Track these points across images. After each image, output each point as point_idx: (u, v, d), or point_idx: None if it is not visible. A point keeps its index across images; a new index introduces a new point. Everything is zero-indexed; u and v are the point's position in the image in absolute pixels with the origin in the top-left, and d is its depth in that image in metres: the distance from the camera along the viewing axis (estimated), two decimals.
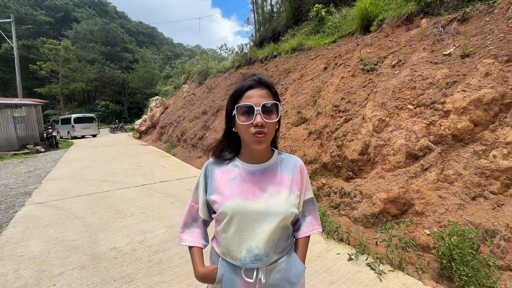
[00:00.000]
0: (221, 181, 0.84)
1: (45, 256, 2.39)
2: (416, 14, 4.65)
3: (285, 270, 0.84)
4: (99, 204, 3.76)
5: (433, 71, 3.28)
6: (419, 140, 2.88)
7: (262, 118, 0.73)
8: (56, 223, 3.13)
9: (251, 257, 0.79)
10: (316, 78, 5.67)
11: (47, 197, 4.17)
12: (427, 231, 2.38)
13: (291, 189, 0.84)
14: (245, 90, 0.78)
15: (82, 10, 49.02)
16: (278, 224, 0.79)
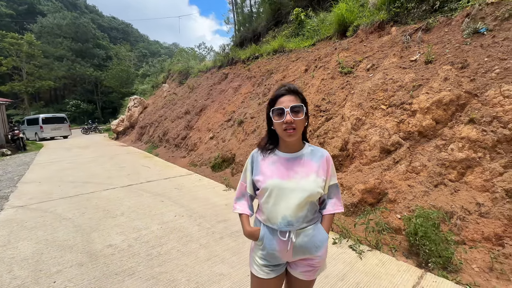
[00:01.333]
0: (264, 165, 1.11)
1: (38, 256, 2.38)
2: (387, 22, 5.10)
3: (312, 236, 1.07)
4: (85, 205, 3.71)
5: (402, 75, 3.69)
6: (391, 136, 3.25)
7: (291, 116, 0.99)
8: (43, 225, 3.07)
9: (285, 222, 1.04)
10: (298, 79, 5.97)
11: (27, 200, 4.01)
12: (399, 216, 2.72)
13: (317, 173, 1.07)
14: (279, 97, 1.05)
15: (48, 3, 45.59)
16: (306, 199, 1.03)
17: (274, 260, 1.11)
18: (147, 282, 1.98)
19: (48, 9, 43.26)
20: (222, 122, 7.22)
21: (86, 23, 44.21)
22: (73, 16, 42.22)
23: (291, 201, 1.04)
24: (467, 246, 2.26)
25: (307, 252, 1.08)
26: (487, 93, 2.74)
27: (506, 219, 2.22)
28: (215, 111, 8.08)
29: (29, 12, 42.89)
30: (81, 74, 37.92)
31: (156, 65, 24.05)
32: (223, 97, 8.43)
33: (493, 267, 2.03)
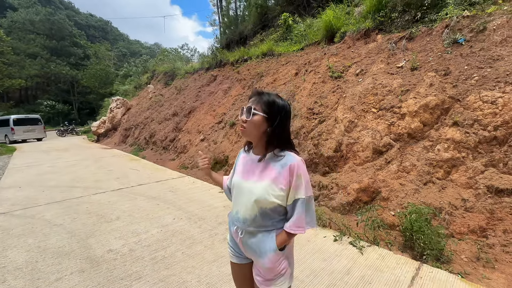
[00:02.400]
0: (239, 163, 1.21)
1: (33, 265, 2.26)
2: (373, 30, 5.38)
3: (258, 240, 1.08)
4: (76, 210, 3.55)
5: (390, 81, 3.92)
6: (382, 138, 3.44)
7: (242, 115, 1.07)
8: (32, 232, 2.90)
9: (236, 216, 1.13)
10: (289, 83, 6.11)
11: (9, 206, 3.75)
12: (392, 213, 2.89)
13: (274, 181, 1.02)
14: (249, 98, 1.12)
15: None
16: (254, 203, 1.04)
17: (236, 246, 1.20)
18: (156, 285, 1.95)
19: (20, 3, 40.62)
20: (213, 124, 7.20)
21: (62, 19, 42.01)
22: (47, 12, 39.93)
23: (242, 200, 1.10)
24: (456, 238, 2.46)
25: (252, 254, 1.11)
26: (468, 98, 3.01)
27: (488, 213, 2.45)
28: (205, 113, 8.03)
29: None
30: (56, 73, 35.89)
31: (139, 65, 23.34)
32: (212, 99, 8.40)
33: (479, 256, 2.23)
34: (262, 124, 1.04)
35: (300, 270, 2.11)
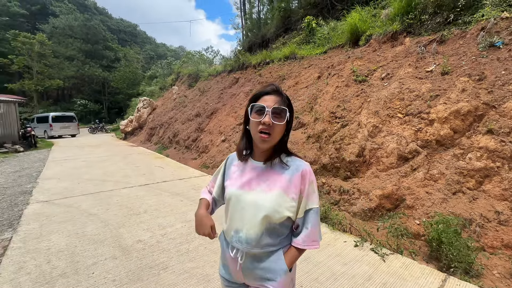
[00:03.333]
0: (233, 170, 1.00)
1: (72, 249, 2.49)
2: (400, 33, 5.23)
3: (266, 263, 0.90)
4: (108, 202, 3.83)
5: (418, 85, 3.79)
6: (408, 144, 3.34)
7: (270, 118, 0.84)
8: (71, 219, 3.19)
9: (236, 237, 0.91)
10: (311, 86, 6.10)
11: (50, 195, 4.14)
12: (417, 221, 2.80)
13: (285, 190, 0.88)
14: (263, 95, 0.90)
15: (60, 4, 46.59)
16: (261, 218, 0.86)
17: (229, 275, 0.99)
18: (181, 276, 2.08)
19: (61, 10, 44.21)
20: (234, 126, 7.36)
21: (97, 25, 45.11)
22: (84, 18, 43.14)
23: (245, 216, 0.89)
24: (488, 252, 2.33)
25: (258, 280, 0.92)
26: (505, 105, 2.84)
27: None
28: (226, 114, 8.23)
29: (41, 12, 43.89)
30: (90, 74, 38.57)
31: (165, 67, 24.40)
32: (234, 101, 8.59)
33: None
34: (285, 129, 0.91)
35: (320, 272, 2.13)
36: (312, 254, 2.42)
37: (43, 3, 44.88)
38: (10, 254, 2.41)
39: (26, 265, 2.23)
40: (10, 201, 3.95)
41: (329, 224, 3.11)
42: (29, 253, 2.43)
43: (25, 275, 2.10)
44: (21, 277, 2.08)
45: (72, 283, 1.99)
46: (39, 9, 44.07)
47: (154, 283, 1.99)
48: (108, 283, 1.99)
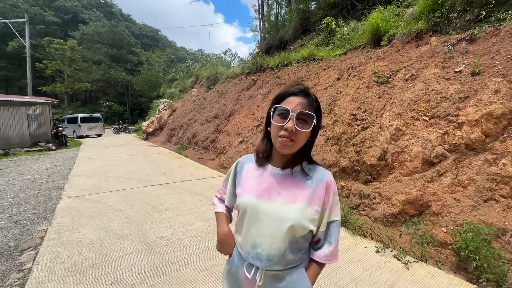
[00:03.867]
0: (247, 176, 0.90)
1: (101, 242, 2.65)
2: (426, 32, 5.02)
3: (288, 282, 0.81)
4: (132, 199, 4.02)
5: (446, 86, 3.62)
6: (434, 148, 3.20)
7: (294, 124, 0.75)
8: (99, 214, 3.39)
9: (253, 253, 0.81)
10: (330, 88, 6.01)
11: (80, 191, 4.42)
12: (444, 229, 2.67)
13: (309, 201, 0.80)
14: (288, 95, 0.81)
15: (89, 12, 49.70)
16: (285, 232, 0.77)
17: None
18: (201, 273, 2.14)
19: (89, 18, 47.14)
20: (252, 127, 7.42)
21: (122, 30, 47.54)
22: (111, 24, 45.65)
23: (265, 230, 0.79)
24: None
25: None
26: None
27: None
28: (244, 116, 8.32)
29: (73, 20, 47.06)
30: (115, 77, 40.63)
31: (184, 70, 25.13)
32: (252, 103, 8.66)
33: None
34: (309, 135, 0.82)
35: (340, 277, 2.10)
36: None
37: (74, 12, 48.11)
38: (47, 244, 2.62)
39: (60, 255, 2.41)
40: (45, 195, 4.28)
41: (348, 228, 3.05)
42: (62, 244, 2.62)
43: (60, 264, 2.26)
44: (56, 265, 2.25)
45: (101, 274, 2.12)
46: (70, 17, 47.27)
47: (176, 278, 2.07)
48: (134, 275, 2.10)
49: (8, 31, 23.63)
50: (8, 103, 10.34)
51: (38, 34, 35.94)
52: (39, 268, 2.21)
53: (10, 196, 4.30)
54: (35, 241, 2.74)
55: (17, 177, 5.63)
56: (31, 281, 2.04)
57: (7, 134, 10.25)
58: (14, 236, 2.88)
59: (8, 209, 3.72)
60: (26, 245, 2.67)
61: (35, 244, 2.68)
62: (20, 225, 3.16)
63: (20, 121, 10.64)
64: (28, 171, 6.34)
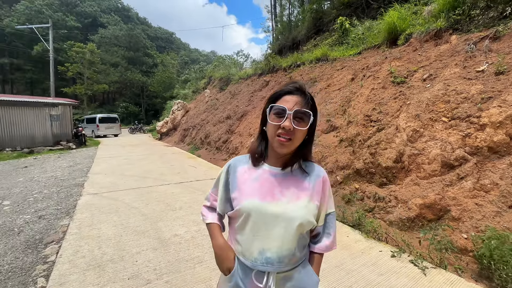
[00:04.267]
0: (243, 179, 0.86)
1: (118, 238, 2.75)
2: (445, 30, 4.84)
3: (297, 280, 0.82)
4: (147, 197, 4.14)
5: (467, 86, 3.48)
6: (454, 150, 3.08)
7: (291, 123, 0.75)
8: (116, 211, 3.52)
9: (262, 259, 0.78)
10: (344, 88, 5.92)
11: (99, 188, 4.60)
12: (465, 235, 2.56)
13: (311, 197, 0.83)
14: (284, 94, 0.80)
15: (108, 16, 51.68)
16: (295, 230, 0.78)
17: None
18: (214, 271, 2.17)
19: (108, 22, 48.97)
20: None
21: (138, 33, 49.03)
22: (128, 28, 47.20)
23: (274, 231, 0.78)
24: None
25: None
26: None
27: None
28: (256, 117, 8.34)
29: (92, 24, 49.08)
30: (131, 79, 41.97)
31: (197, 72, 25.56)
32: (264, 104, 8.67)
33: None
34: (306, 133, 0.82)
35: (354, 281, 2.07)
36: (345, 261, 2.35)
37: (94, 16, 50.19)
38: (69, 239, 2.75)
39: (81, 249, 2.52)
40: (66, 192, 4.49)
41: (363, 231, 2.99)
42: (83, 239, 2.74)
43: (81, 258, 2.37)
44: (77, 259, 2.36)
45: (119, 269, 2.20)
46: (90, 22, 49.35)
47: (190, 275, 2.11)
48: (150, 271, 2.16)
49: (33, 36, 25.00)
50: (33, 104, 10.94)
51: (61, 38, 37.74)
52: (62, 261, 2.33)
53: (35, 192, 4.55)
54: (58, 235, 2.88)
55: (41, 174, 5.93)
56: (55, 272, 2.15)
57: (32, 133, 10.84)
58: (39, 230, 3.04)
59: (33, 204, 3.93)
60: (50, 239, 2.82)
61: (58, 238, 2.83)
62: (44, 220, 3.34)
63: (43, 121, 11.22)
64: (51, 168, 6.67)
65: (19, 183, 5.13)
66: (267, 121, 0.82)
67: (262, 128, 0.89)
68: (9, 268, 2.27)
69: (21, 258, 2.45)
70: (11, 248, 2.63)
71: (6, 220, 3.32)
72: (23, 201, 4.07)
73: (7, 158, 8.39)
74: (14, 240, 2.80)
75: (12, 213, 3.58)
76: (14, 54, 38.60)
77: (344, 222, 3.29)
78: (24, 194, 4.43)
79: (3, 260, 2.40)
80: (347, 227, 3.15)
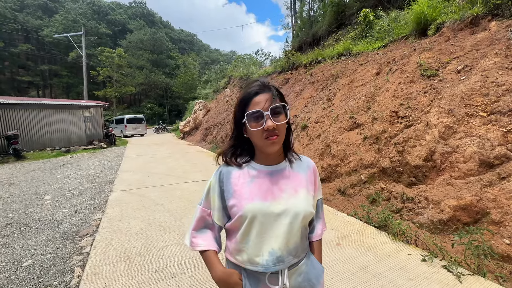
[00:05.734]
0: (239, 184, 0.83)
1: (145, 233, 2.89)
2: (483, 17, 4.45)
3: (305, 272, 0.85)
4: (171, 194, 4.30)
5: (509, 77, 3.16)
6: (494, 148, 2.82)
7: (272, 121, 0.75)
8: (143, 207, 3.70)
9: (273, 259, 0.78)
10: (368, 84, 5.67)
11: (127, 185, 4.87)
12: (507, 241, 2.34)
13: (307, 189, 0.86)
14: (252, 96, 0.79)
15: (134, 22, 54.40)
16: (300, 224, 0.81)
17: None
18: None
19: (135, 27, 51.52)
20: None
21: (161, 37, 50.97)
22: (152, 32, 49.29)
23: (281, 229, 0.78)
24: None
25: None
26: None
27: None
28: None
29: (121, 31, 51.99)
30: (155, 81, 43.83)
31: (218, 72, 25.98)
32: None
33: None
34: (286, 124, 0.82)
35: (380, 284, 1.98)
36: (371, 263, 2.26)
37: (123, 23, 53.13)
38: (101, 232, 2.94)
39: (112, 242, 2.69)
40: (99, 188, 4.81)
41: (389, 233, 2.85)
42: (114, 232, 2.91)
43: (112, 250, 2.53)
44: (109, 251, 2.51)
45: (146, 262, 2.31)
46: (120, 29, 52.32)
47: None
48: (175, 265, 2.25)
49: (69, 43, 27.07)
50: (69, 107, 11.84)
51: (92, 44, 40.42)
52: (95, 252, 2.50)
53: (72, 188, 4.93)
54: (92, 229, 3.10)
55: (77, 172, 6.42)
56: (89, 263, 2.32)
57: (68, 134, 11.75)
58: (76, 223, 3.29)
59: (70, 199, 4.27)
60: (85, 232, 3.04)
61: (92, 231, 3.04)
62: (80, 214, 3.60)
63: (78, 122, 12.11)
64: (85, 166, 7.19)
65: (58, 180, 5.59)
66: (248, 128, 0.80)
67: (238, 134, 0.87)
68: (50, 257, 2.49)
69: (60, 248, 2.67)
70: (52, 239, 2.87)
71: (48, 213, 3.64)
72: (61, 196, 4.43)
73: (47, 157, 9.18)
74: (55, 232, 3.05)
75: (52, 207, 3.91)
76: (52, 61, 42.12)
77: (368, 222, 3.17)
78: (62, 190, 4.82)
79: (45, 250, 2.63)
80: (372, 228, 3.02)
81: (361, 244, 2.63)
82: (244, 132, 0.84)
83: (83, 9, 46.97)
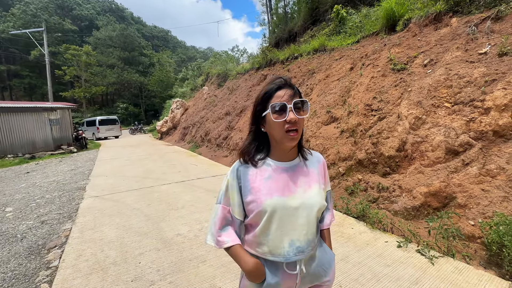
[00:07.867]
0: (257, 181, 0.86)
1: (121, 240, 2.73)
2: (445, 13, 4.72)
3: (319, 259, 0.92)
4: (149, 197, 4.12)
5: (469, 70, 3.38)
6: (458, 136, 3.01)
7: (294, 114, 0.79)
8: (118, 213, 3.49)
9: (293, 250, 0.85)
10: (343, 78, 5.82)
11: (100, 191, 4.59)
12: (472, 222, 2.51)
13: (319, 182, 0.92)
14: (275, 91, 0.83)
15: (103, 18, 51.24)
16: (315, 216, 0.87)
17: None
18: (219, 270, 2.14)
19: (102, 23, 48.54)
20: None
21: (132, 33, 48.60)
22: (121, 28, 46.75)
23: (299, 222, 0.85)
24: None
25: (314, 280, 0.92)
26: None
27: None
28: None
29: (88, 27, 48.72)
30: (128, 80, 41.78)
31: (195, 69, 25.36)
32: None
33: None
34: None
35: (360, 273, 2.03)
36: (351, 253, 2.32)
37: (90, 19, 49.81)
38: (71, 243, 2.73)
39: (84, 253, 2.51)
40: (68, 196, 4.47)
41: (367, 222, 2.95)
42: (86, 242, 2.72)
43: (84, 262, 2.35)
44: (80, 263, 2.34)
45: (122, 271, 2.18)
46: (87, 24, 49.00)
47: (194, 275, 2.09)
48: (153, 272, 2.14)
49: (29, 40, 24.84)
50: (32, 109, 10.90)
51: (57, 42, 37.51)
52: (65, 265, 2.31)
53: (37, 197, 4.54)
54: (61, 240, 2.87)
55: (43, 179, 5.93)
56: (58, 278, 2.14)
57: (32, 139, 10.83)
58: (42, 235, 3.03)
59: (35, 209, 3.93)
60: (52, 244, 2.81)
61: (60, 242, 2.81)
62: (47, 225, 3.33)
63: (43, 126, 11.20)
64: (53, 173, 6.67)
65: (21, 189, 5.13)
66: (269, 120, 0.82)
67: (256, 129, 0.90)
68: (12, 275, 2.26)
69: (24, 264, 2.44)
70: (14, 255, 2.62)
71: (9, 227, 3.31)
72: (25, 207, 4.07)
73: (9, 165, 8.40)
74: (17, 247, 2.79)
75: (14, 219, 3.58)
76: (11, 60, 38.44)
77: (348, 214, 3.25)
78: (27, 200, 4.43)
79: (6, 267, 2.39)
80: (352, 219, 3.11)
81: (341, 235, 2.69)
82: (262, 126, 0.87)
83: (44, 3, 43.29)
